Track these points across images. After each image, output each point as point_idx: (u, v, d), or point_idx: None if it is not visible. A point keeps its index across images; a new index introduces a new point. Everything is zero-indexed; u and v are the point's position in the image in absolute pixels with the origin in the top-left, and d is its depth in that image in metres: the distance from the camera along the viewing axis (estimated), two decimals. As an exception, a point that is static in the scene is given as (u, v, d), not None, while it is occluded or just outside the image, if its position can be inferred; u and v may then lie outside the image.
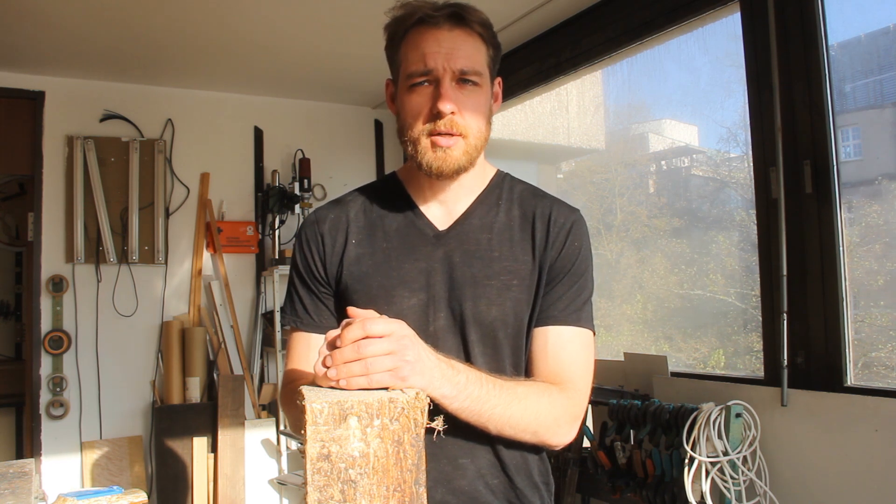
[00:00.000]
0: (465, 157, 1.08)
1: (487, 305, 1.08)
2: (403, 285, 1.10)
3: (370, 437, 0.76)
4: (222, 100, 3.66)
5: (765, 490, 1.85)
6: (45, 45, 2.91)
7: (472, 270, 1.10)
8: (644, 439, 2.06)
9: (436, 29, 1.06)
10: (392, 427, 0.77)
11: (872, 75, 2.00)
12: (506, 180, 1.21)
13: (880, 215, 1.96)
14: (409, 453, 0.77)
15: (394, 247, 1.12)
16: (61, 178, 3.29)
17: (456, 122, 1.05)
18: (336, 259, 1.14)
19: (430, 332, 1.08)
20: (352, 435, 0.75)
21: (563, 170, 3.66)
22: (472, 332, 1.08)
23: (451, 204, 1.15)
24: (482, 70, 1.09)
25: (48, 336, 3.19)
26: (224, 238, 3.58)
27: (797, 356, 1.87)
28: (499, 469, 1.09)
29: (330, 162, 3.76)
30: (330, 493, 0.74)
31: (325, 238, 1.15)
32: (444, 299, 1.09)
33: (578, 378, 1.09)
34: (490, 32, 1.12)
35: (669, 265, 2.77)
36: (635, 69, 2.75)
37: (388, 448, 0.76)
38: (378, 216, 1.16)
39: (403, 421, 0.77)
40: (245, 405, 3.42)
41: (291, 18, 2.70)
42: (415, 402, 0.79)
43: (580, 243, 1.14)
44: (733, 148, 2.58)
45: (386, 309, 1.07)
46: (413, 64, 1.07)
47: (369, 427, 0.76)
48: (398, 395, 0.79)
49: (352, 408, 0.75)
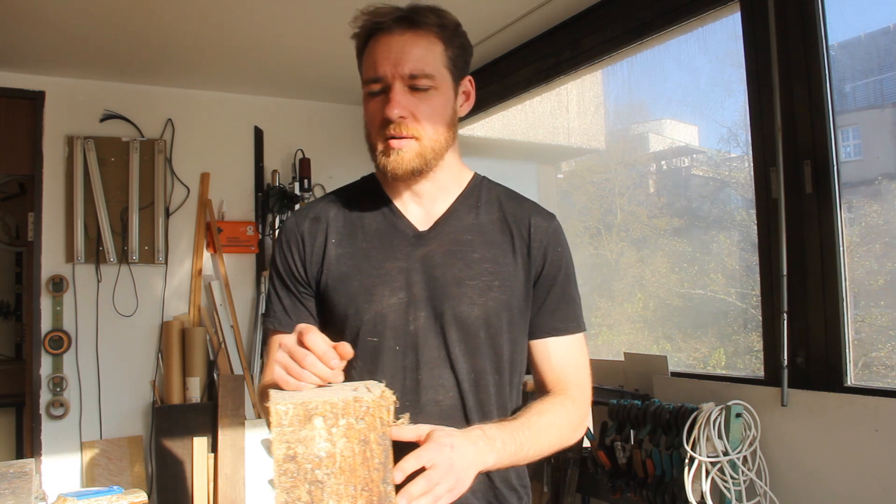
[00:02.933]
0: (418, 158, 1.08)
1: (469, 306, 1.09)
2: (384, 284, 1.10)
3: (336, 436, 0.75)
4: (222, 100, 3.66)
5: (765, 490, 1.85)
6: (45, 45, 2.91)
7: (454, 271, 1.11)
8: (644, 439, 2.06)
9: (387, 35, 1.07)
10: (358, 426, 0.76)
11: (872, 75, 2.00)
12: (483, 183, 1.22)
13: (880, 215, 1.96)
14: (376, 452, 0.77)
15: (374, 246, 1.13)
16: (61, 178, 3.29)
17: (407, 126, 1.06)
18: (316, 259, 1.15)
19: (411, 331, 1.09)
20: (317, 435, 0.74)
21: (563, 170, 3.66)
22: (452, 332, 1.09)
23: (429, 205, 1.16)
24: (434, 72, 1.08)
25: (48, 336, 3.19)
26: (224, 238, 3.58)
27: (797, 356, 1.87)
28: None
29: (330, 162, 3.77)
30: (297, 495, 0.74)
31: (305, 238, 1.16)
32: (425, 299, 1.10)
33: (583, 379, 1.17)
34: (449, 32, 1.11)
35: (670, 265, 2.77)
36: (635, 69, 2.75)
37: (354, 447, 0.75)
38: (357, 216, 1.17)
39: (369, 420, 0.77)
40: (245, 405, 3.41)
41: (292, 18, 2.70)
42: (380, 400, 0.78)
43: (563, 248, 1.19)
44: (733, 148, 2.58)
45: (366, 308, 1.09)
46: (366, 71, 1.10)
47: (335, 427, 0.75)
48: (364, 394, 0.78)
49: (316, 408, 0.74)
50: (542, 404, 1.10)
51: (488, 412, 1.12)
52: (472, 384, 1.10)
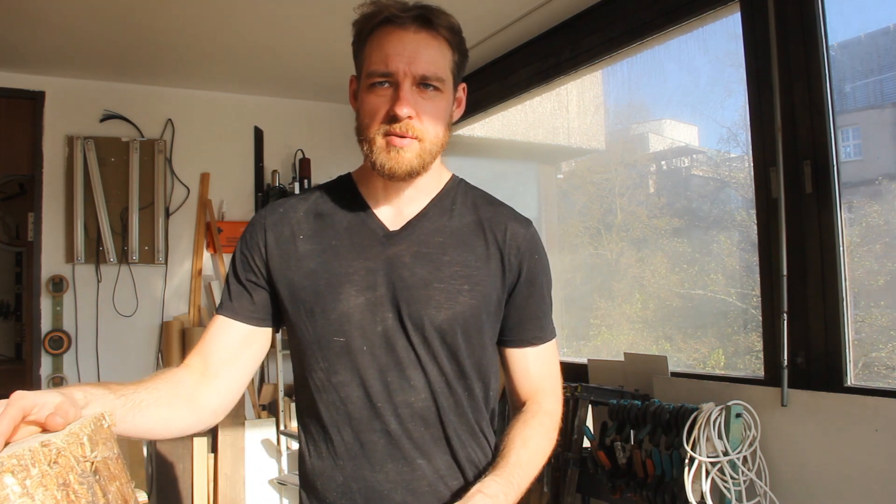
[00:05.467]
0: (418, 160, 1.07)
1: (436, 309, 1.08)
2: (350, 284, 1.08)
3: (32, 488, 0.69)
4: (222, 100, 3.66)
5: (765, 490, 1.85)
6: (45, 45, 2.91)
7: (422, 273, 1.09)
8: (644, 439, 2.06)
9: (401, 30, 1.05)
10: (53, 471, 0.70)
11: (872, 75, 2.00)
12: (460, 185, 1.21)
13: (880, 215, 1.96)
14: (80, 491, 0.72)
15: (343, 244, 1.11)
16: (61, 178, 3.29)
17: (412, 126, 1.05)
18: (281, 252, 1.13)
19: (379, 332, 1.08)
20: (11, 493, 0.68)
21: (563, 170, 3.66)
22: (418, 334, 1.08)
23: (403, 205, 1.15)
24: (444, 76, 1.07)
25: (48, 336, 3.19)
26: (224, 238, 3.58)
27: (797, 356, 1.87)
28: (456, 470, 1.11)
29: (330, 162, 3.76)
30: None
31: (268, 232, 1.14)
32: (391, 300, 1.08)
33: (557, 386, 1.21)
34: (457, 38, 1.10)
35: (670, 265, 2.77)
36: (635, 69, 2.75)
37: (55, 494, 0.69)
38: (328, 214, 1.15)
39: (64, 461, 0.71)
40: (245, 405, 3.42)
41: (292, 18, 2.70)
42: (70, 438, 0.73)
43: (540, 256, 1.18)
44: (733, 148, 2.58)
45: (332, 307, 1.08)
46: (375, 64, 1.06)
47: (28, 479, 0.68)
48: (51, 438, 0.72)
49: (3, 465, 0.68)
50: (525, 430, 1.10)
51: (463, 414, 1.11)
52: (444, 386, 1.09)
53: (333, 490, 1.10)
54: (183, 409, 1.04)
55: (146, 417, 0.96)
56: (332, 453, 1.10)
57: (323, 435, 1.11)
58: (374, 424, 1.07)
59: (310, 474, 1.13)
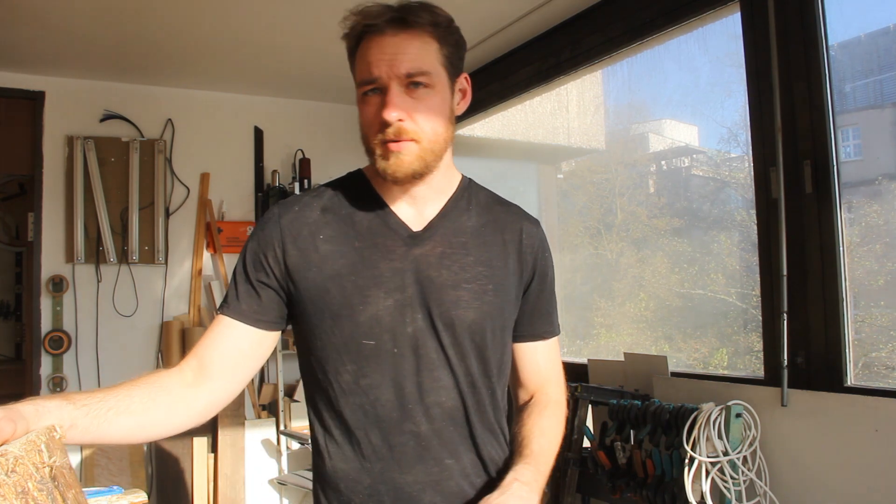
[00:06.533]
0: (418, 161, 1.06)
1: (464, 310, 1.09)
2: (378, 286, 1.07)
3: None
4: (222, 100, 3.66)
5: (765, 490, 1.85)
6: (45, 45, 2.91)
7: (449, 273, 1.10)
8: (644, 439, 2.06)
9: (380, 36, 1.05)
10: (11, 480, 0.70)
11: (872, 75, 2.00)
12: (471, 185, 1.22)
13: (880, 215, 1.96)
14: (40, 498, 0.72)
15: (366, 246, 1.10)
16: (61, 178, 3.29)
17: (405, 129, 1.04)
18: (298, 253, 1.10)
19: (409, 333, 1.07)
20: None
21: (563, 170, 3.66)
22: (448, 334, 1.08)
23: (421, 205, 1.14)
24: (430, 69, 1.06)
25: (48, 336, 3.19)
26: (224, 238, 3.58)
27: (797, 356, 1.87)
28: (480, 468, 1.13)
29: (330, 162, 3.76)
30: None
31: (285, 232, 1.10)
32: (421, 301, 1.08)
33: (561, 377, 1.27)
34: (444, 30, 1.08)
35: (670, 265, 2.77)
36: (635, 69, 2.75)
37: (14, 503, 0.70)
38: (347, 214, 1.13)
39: (22, 469, 0.72)
40: (245, 405, 3.42)
41: (292, 18, 2.70)
42: (28, 445, 0.74)
43: (548, 254, 1.24)
44: (733, 148, 2.58)
45: (361, 309, 1.06)
46: (360, 73, 1.07)
47: None
48: (7, 448, 0.73)
49: None
50: (540, 420, 1.16)
51: (485, 412, 1.13)
52: (469, 386, 1.10)
53: (360, 492, 1.09)
54: (159, 413, 1.01)
55: (115, 425, 0.94)
56: (358, 455, 1.09)
57: (348, 437, 1.09)
58: (404, 426, 1.07)
59: (331, 476, 1.11)
